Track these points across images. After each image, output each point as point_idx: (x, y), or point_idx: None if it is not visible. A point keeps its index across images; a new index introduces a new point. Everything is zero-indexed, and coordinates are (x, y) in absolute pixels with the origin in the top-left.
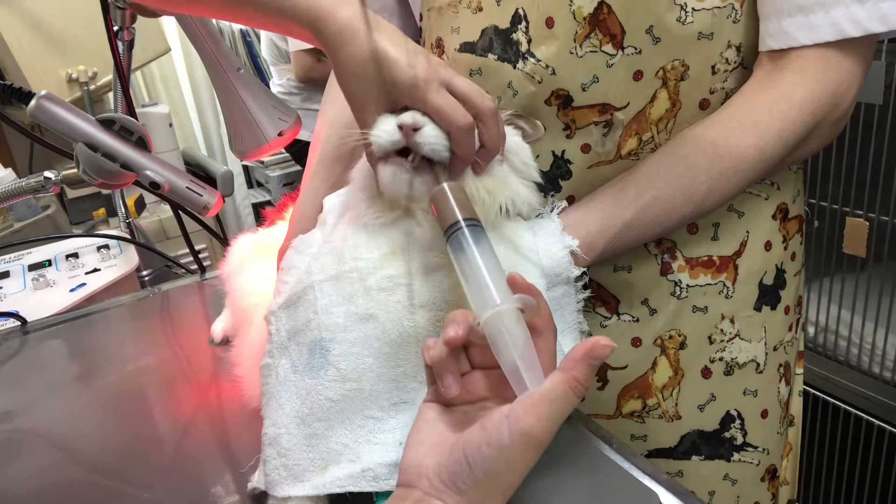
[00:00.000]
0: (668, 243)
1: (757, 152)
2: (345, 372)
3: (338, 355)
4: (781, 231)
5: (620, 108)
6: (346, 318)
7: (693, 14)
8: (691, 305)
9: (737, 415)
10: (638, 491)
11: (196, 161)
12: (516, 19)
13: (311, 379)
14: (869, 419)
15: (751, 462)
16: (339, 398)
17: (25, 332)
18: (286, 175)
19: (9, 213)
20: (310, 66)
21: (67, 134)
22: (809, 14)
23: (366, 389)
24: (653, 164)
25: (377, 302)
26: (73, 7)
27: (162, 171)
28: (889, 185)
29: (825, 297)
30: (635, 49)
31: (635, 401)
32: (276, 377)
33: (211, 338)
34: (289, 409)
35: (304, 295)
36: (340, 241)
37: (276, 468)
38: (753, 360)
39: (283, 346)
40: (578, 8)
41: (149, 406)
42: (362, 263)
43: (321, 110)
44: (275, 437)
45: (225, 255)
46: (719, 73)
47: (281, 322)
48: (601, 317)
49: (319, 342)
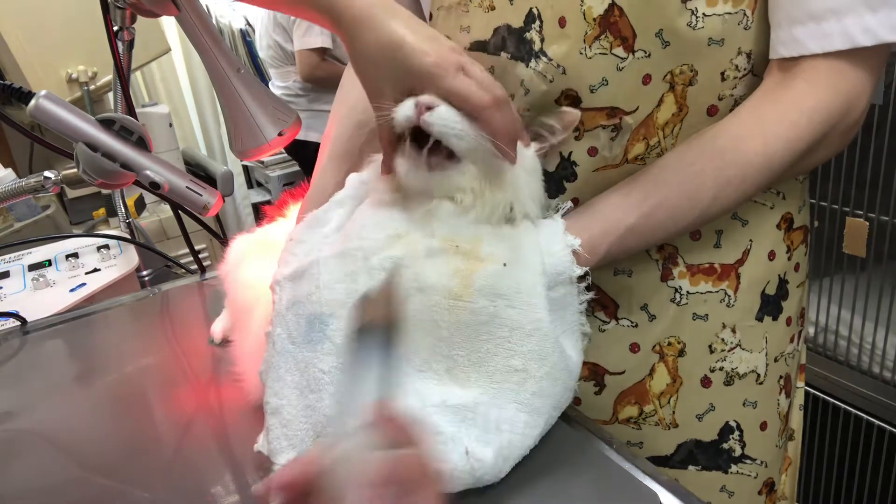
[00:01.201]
0: (669, 249)
1: (765, 160)
2: (339, 346)
3: (335, 330)
4: (786, 241)
5: (629, 112)
6: (346, 295)
7: (704, 19)
8: (691, 313)
9: (736, 426)
10: (638, 491)
11: (196, 161)
12: (530, 18)
13: (309, 352)
14: (869, 419)
15: (748, 474)
16: (329, 370)
17: (25, 332)
18: (286, 175)
19: (9, 213)
20: (315, 64)
21: (67, 134)
22: (821, 22)
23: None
24: (659, 170)
25: (378, 281)
26: (73, 7)
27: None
28: (889, 185)
29: (825, 297)
30: (645, 52)
31: (632, 407)
32: (273, 346)
33: (211, 338)
34: (289, 380)
35: (308, 269)
36: (352, 221)
37: (277, 437)
38: (754, 371)
39: (280, 315)
40: (589, 8)
41: (149, 406)
42: (367, 243)
43: (333, 108)
44: (276, 407)
45: (224, 257)
46: (728, 79)
47: (284, 292)
48: (600, 321)
49: (319, 316)
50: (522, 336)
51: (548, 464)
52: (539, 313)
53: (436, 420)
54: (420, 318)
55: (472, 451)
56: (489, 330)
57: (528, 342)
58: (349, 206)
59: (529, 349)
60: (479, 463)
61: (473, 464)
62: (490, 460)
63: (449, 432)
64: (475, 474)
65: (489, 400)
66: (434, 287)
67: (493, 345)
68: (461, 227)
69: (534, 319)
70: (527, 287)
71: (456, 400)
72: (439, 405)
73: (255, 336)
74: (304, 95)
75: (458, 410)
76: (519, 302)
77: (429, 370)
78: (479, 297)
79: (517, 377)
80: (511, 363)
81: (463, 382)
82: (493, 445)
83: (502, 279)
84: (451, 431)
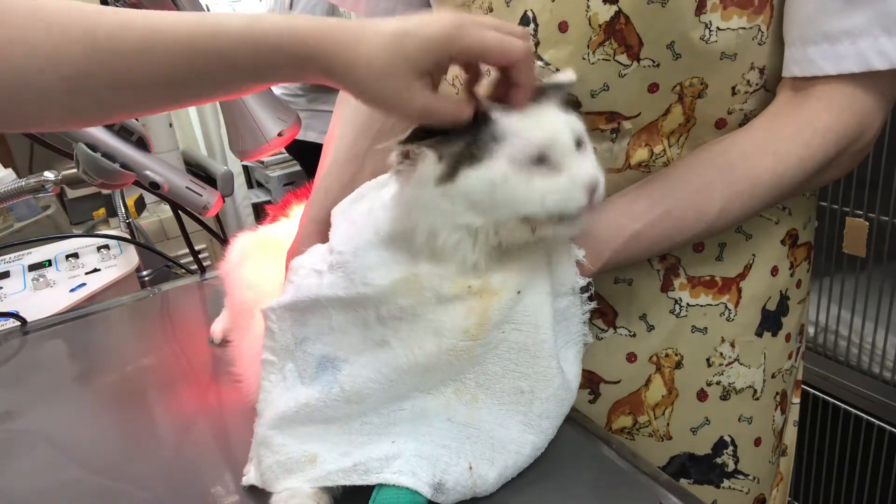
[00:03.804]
0: (671, 259)
1: (775, 177)
2: (349, 393)
3: (346, 375)
4: (789, 257)
5: (630, 117)
6: (362, 342)
7: (717, 33)
8: (690, 325)
9: (730, 441)
10: (638, 491)
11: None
12: (524, 21)
13: (316, 393)
14: (869, 419)
15: (740, 490)
16: (338, 417)
17: (25, 332)
18: (286, 175)
19: (9, 213)
20: None
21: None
22: (835, 43)
23: (364, 410)
24: (667, 179)
25: (392, 329)
26: None
27: (162, 171)
28: (889, 185)
29: (825, 297)
30: (653, 62)
31: (626, 417)
32: (282, 380)
33: (211, 338)
34: (283, 411)
35: (313, 306)
36: (351, 255)
37: (269, 467)
38: (751, 387)
39: (288, 350)
40: (594, 14)
41: (149, 406)
42: (372, 291)
43: (336, 108)
44: (265, 437)
45: (225, 256)
46: (739, 94)
47: (285, 324)
48: (598, 328)
49: (333, 360)
50: (529, 358)
51: (548, 464)
52: (544, 334)
53: (442, 433)
54: (435, 362)
55: (475, 467)
56: (497, 353)
57: (534, 364)
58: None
59: (536, 371)
60: (482, 480)
61: (476, 480)
62: (492, 479)
63: (454, 446)
64: (475, 490)
65: (495, 420)
66: (450, 330)
67: (500, 367)
68: (469, 258)
69: (539, 341)
70: (534, 309)
71: (461, 418)
72: (445, 421)
73: (255, 337)
74: (303, 95)
75: (463, 428)
76: (526, 324)
77: (436, 392)
78: (494, 331)
79: (524, 398)
80: (518, 385)
81: (469, 403)
82: (497, 465)
83: (515, 306)
84: (456, 446)
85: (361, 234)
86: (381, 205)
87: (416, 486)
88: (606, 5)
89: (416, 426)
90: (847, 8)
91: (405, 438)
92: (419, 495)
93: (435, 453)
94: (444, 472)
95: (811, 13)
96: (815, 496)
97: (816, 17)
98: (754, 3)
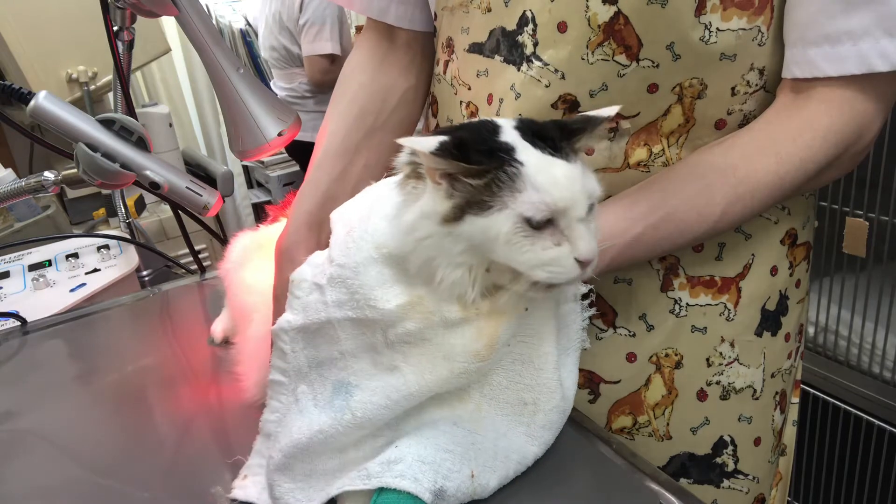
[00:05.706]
0: (671, 259)
1: (776, 179)
2: (360, 420)
3: (358, 402)
4: (789, 257)
5: (628, 117)
6: (373, 366)
7: (717, 34)
8: (690, 325)
9: (730, 440)
10: (638, 491)
11: (196, 161)
12: (523, 21)
13: (329, 419)
14: (869, 419)
15: (740, 490)
16: (350, 443)
17: (25, 332)
18: (286, 175)
19: (9, 213)
20: (325, 69)
21: (67, 134)
22: (836, 45)
23: (375, 433)
24: (668, 181)
25: (402, 354)
26: (73, 7)
27: (162, 171)
28: (889, 185)
29: (825, 297)
30: (653, 62)
31: (626, 417)
32: (294, 402)
33: (211, 338)
34: (297, 438)
35: (323, 328)
36: (352, 271)
37: (288, 490)
38: (751, 387)
39: (301, 373)
40: (594, 15)
41: (149, 406)
42: (378, 315)
43: (330, 103)
44: (282, 464)
45: (225, 256)
46: (739, 94)
47: (297, 345)
48: (597, 329)
49: (346, 385)
50: (533, 371)
51: (548, 464)
52: (548, 346)
53: (447, 437)
54: (446, 386)
55: (478, 475)
56: (502, 364)
57: (538, 376)
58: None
59: (539, 383)
60: (482, 488)
61: (476, 488)
62: (493, 487)
63: (459, 451)
64: (475, 496)
65: (498, 429)
66: (461, 354)
67: (505, 378)
68: (468, 295)
69: (543, 353)
70: (540, 321)
71: (466, 424)
72: (450, 425)
73: (255, 338)
74: (310, 97)
75: (468, 434)
76: (531, 336)
77: (440, 399)
78: (502, 348)
79: (528, 410)
80: (522, 396)
81: (473, 413)
82: (498, 473)
83: (522, 322)
84: (461, 451)
85: (360, 247)
86: (382, 215)
87: (417, 492)
88: (606, 6)
89: (419, 429)
90: (848, 9)
91: (408, 442)
92: (419, 500)
93: (438, 458)
94: (446, 478)
95: (812, 14)
96: (815, 496)
97: (817, 19)
98: (754, 4)
